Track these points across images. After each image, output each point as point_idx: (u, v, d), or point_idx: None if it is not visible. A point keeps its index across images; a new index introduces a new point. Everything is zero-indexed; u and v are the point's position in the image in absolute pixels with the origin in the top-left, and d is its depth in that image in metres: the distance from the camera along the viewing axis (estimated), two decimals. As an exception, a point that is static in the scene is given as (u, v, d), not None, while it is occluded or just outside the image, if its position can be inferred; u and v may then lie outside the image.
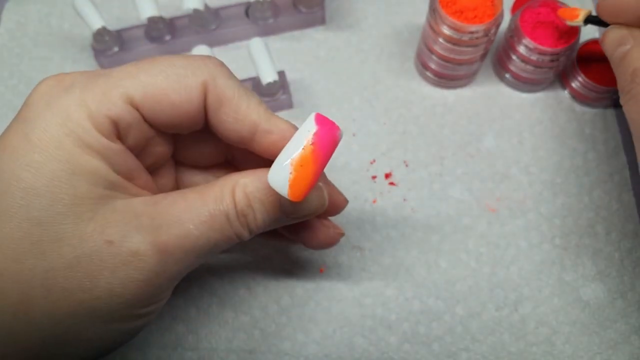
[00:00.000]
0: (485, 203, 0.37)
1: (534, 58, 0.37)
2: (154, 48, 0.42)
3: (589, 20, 0.33)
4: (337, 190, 0.29)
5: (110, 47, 0.41)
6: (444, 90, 0.41)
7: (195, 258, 0.22)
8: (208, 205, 0.22)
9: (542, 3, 0.37)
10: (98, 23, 0.38)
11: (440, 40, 0.36)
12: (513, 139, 0.39)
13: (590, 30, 0.43)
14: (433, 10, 0.35)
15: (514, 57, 0.38)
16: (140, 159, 0.24)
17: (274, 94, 0.39)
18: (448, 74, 0.39)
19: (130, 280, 0.20)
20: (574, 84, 0.39)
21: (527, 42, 0.36)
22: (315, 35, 0.44)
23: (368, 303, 0.35)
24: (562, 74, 0.41)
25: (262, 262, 0.36)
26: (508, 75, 0.40)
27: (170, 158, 0.27)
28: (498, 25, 0.35)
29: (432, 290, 0.35)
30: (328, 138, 0.21)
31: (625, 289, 0.35)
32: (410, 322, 0.34)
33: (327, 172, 0.30)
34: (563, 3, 0.37)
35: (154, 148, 0.24)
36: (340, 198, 0.29)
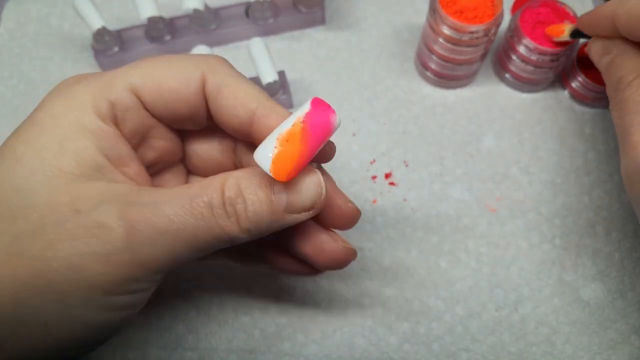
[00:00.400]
0: (485, 203, 0.37)
1: (534, 58, 0.37)
2: (154, 48, 0.42)
3: (575, 35, 0.34)
4: (346, 198, 0.26)
5: (110, 47, 0.41)
6: (444, 90, 0.41)
7: (171, 247, 0.20)
8: (189, 191, 0.21)
9: (542, 3, 0.37)
10: (98, 23, 0.38)
11: (440, 40, 0.36)
12: (513, 139, 0.39)
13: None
14: (433, 10, 0.35)
15: (514, 57, 0.38)
16: (141, 151, 0.24)
17: (274, 94, 0.39)
18: (448, 74, 0.39)
19: (90, 253, 0.19)
20: (574, 84, 0.39)
21: (527, 42, 0.36)
22: (315, 35, 0.44)
23: (368, 303, 0.35)
24: (562, 74, 0.41)
25: (262, 262, 0.36)
26: (508, 75, 0.40)
27: (181, 164, 0.27)
28: (498, 25, 0.35)
29: (432, 290, 0.35)
30: (320, 119, 0.20)
31: (625, 289, 0.35)
32: (410, 322, 0.34)
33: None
34: (563, 3, 0.37)
35: (156, 141, 0.24)
36: (351, 207, 0.25)
